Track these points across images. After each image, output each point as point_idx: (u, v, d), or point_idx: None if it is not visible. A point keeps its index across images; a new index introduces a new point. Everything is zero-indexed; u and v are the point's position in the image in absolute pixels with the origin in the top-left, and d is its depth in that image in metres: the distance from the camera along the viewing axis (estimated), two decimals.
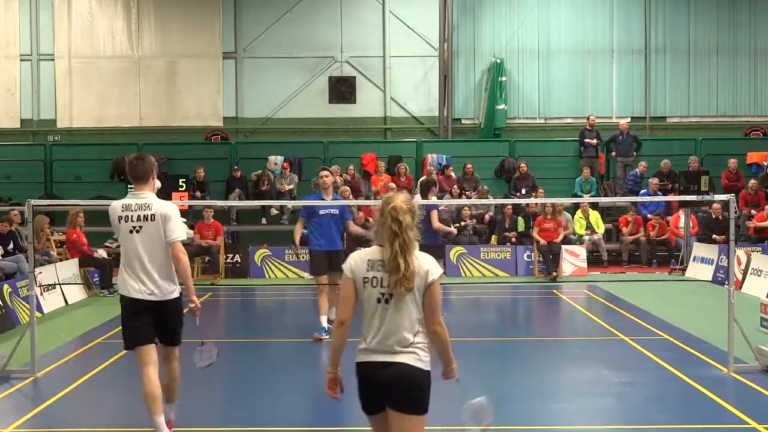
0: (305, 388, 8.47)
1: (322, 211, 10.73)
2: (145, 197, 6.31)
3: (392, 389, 4.28)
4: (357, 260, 4.38)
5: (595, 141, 20.99)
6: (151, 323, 6.26)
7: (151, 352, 6.28)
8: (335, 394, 4.55)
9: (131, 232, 6.20)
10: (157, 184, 6.79)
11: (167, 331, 6.41)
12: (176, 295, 6.40)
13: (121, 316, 6.36)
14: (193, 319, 6.51)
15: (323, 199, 10.72)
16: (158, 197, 6.52)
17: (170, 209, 6.32)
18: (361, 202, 17.67)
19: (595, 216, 18.96)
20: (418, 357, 4.29)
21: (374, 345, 4.32)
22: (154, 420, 6.19)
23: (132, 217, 6.22)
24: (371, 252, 4.37)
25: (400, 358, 4.27)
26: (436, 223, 11.65)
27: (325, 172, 10.87)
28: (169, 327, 6.41)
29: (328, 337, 10.12)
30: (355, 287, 4.35)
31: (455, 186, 19.72)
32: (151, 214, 6.22)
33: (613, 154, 21.23)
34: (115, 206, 6.30)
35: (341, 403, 7.96)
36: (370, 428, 4.50)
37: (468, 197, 19.50)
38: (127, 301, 6.25)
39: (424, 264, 4.31)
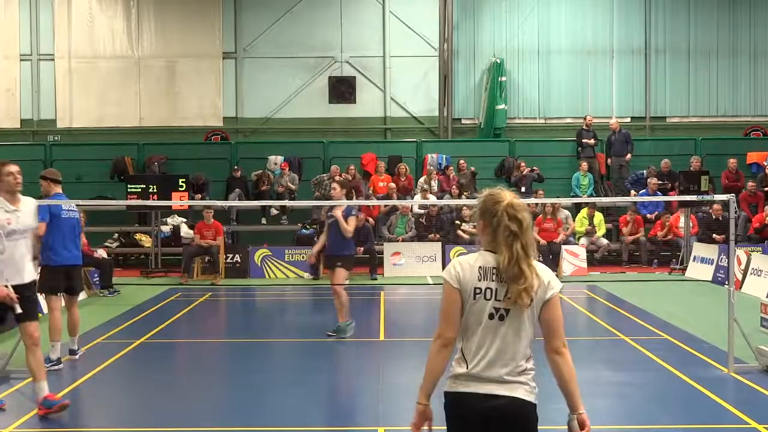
0: (306, 389, 8.46)
1: (65, 214, 9.01)
2: None
3: (501, 427, 3.58)
4: (465, 267, 3.64)
5: (592, 141, 20.98)
6: None
7: None
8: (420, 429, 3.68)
9: None
10: None
11: None
12: None
13: None
14: None
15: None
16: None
17: None
18: (361, 202, 17.69)
19: (599, 218, 18.96)
20: (530, 389, 3.62)
21: (479, 371, 3.58)
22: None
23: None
24: (481, 258, 3.66)
25: (513, 390, 3.57)
26: (351, 228, 10.54)
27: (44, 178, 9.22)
28: None
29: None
30: (462, 300, 3.62)
31: (454, 186, 19.73)
32: None
33: (609, 161, 21.22)
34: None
35: (342, 403, 7.98)
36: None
37: (467, 196, 19.50)
38: None
39: (544, 274, 3.64)
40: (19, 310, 7.04)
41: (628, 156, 20.87)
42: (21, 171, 7.27)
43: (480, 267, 3.61)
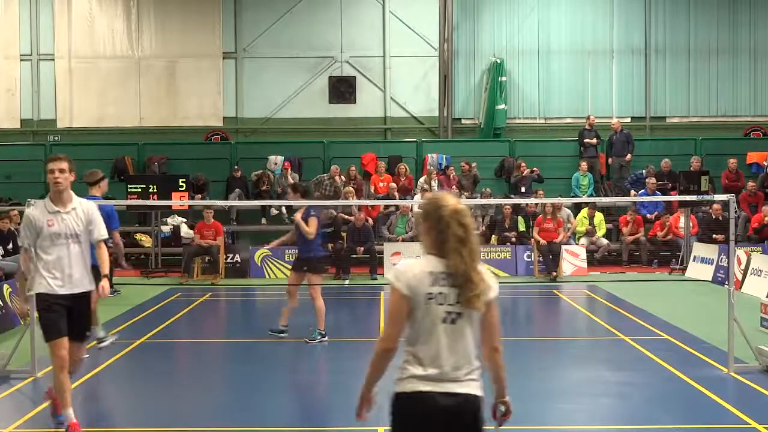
0: (305, 389, 8.47)
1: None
2: None
3: (457, 424, 3.68)
4: (415, 272, 3.68)
5: (594, 141, 20.99)
6: None
7: None
8: (365, 415, 4.01)
9: None
10: None
11: None
12: None
13: None
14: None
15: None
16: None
17: None
18: (361, 201, 17.69)
19: (599, 218, 18.96)
20: (480, 384, 3.76)
21: (435, 373, 3.67)
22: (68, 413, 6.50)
23: None
24: (428, 263, 3.72)
25: (467, 388, 3.69)
26: (312, 229, 10.25)
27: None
28: None
29: None
30: (411, 306, 3.68)
31: (455, 186, 19.72)
32: None
33: (610, 161, 21.20)
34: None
35: (342, 403, 7.98)
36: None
37: (467, 197, 19.50)
38: None
39: (488, 278, 3.76)
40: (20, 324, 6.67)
41: (629, 156, 20.86)
42: (65, 170, 6.46)
43: (430, 272, 3.68)
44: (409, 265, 3.74)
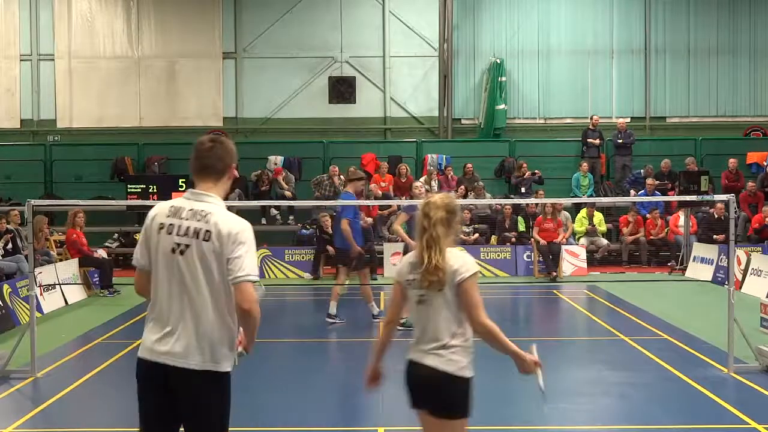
0: (306, 389, 8.46)
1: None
2: (207, 201, 4.09)
3: (420, 391, 4.23)
4: (404, 263, 4.38)
5: (597, 141, 21.00)
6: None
7: None
8: (372, 385, 4.57)
9: (173, 251, 3.97)
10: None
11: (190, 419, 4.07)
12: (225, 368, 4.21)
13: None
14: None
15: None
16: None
17: (238, 228, 3.96)
18: (362, 202, 17.67)
19: (598, 218, 18.97)
20: (447, 360, 4.15)
21: (414, 344, 4.28)
22: None
23: (180, 228, 3.98)
24: (412, 254, 4.36)
25: (429, 361, 4.16)
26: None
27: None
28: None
29: None
30: (402, 290, 4.34)
31: (462, 187, 19.71)
32: (206, 230, 3.95)
33: (614, 160, 21.09)
34: (162, 208, 4.10)
35: (342, 403, 7.98)
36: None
37: (467, 197, 19.51)
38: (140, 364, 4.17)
39: (454, 262, 4.16)
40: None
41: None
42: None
43: (410, 262, 4.28)
44: (405, 257, 4.43)
